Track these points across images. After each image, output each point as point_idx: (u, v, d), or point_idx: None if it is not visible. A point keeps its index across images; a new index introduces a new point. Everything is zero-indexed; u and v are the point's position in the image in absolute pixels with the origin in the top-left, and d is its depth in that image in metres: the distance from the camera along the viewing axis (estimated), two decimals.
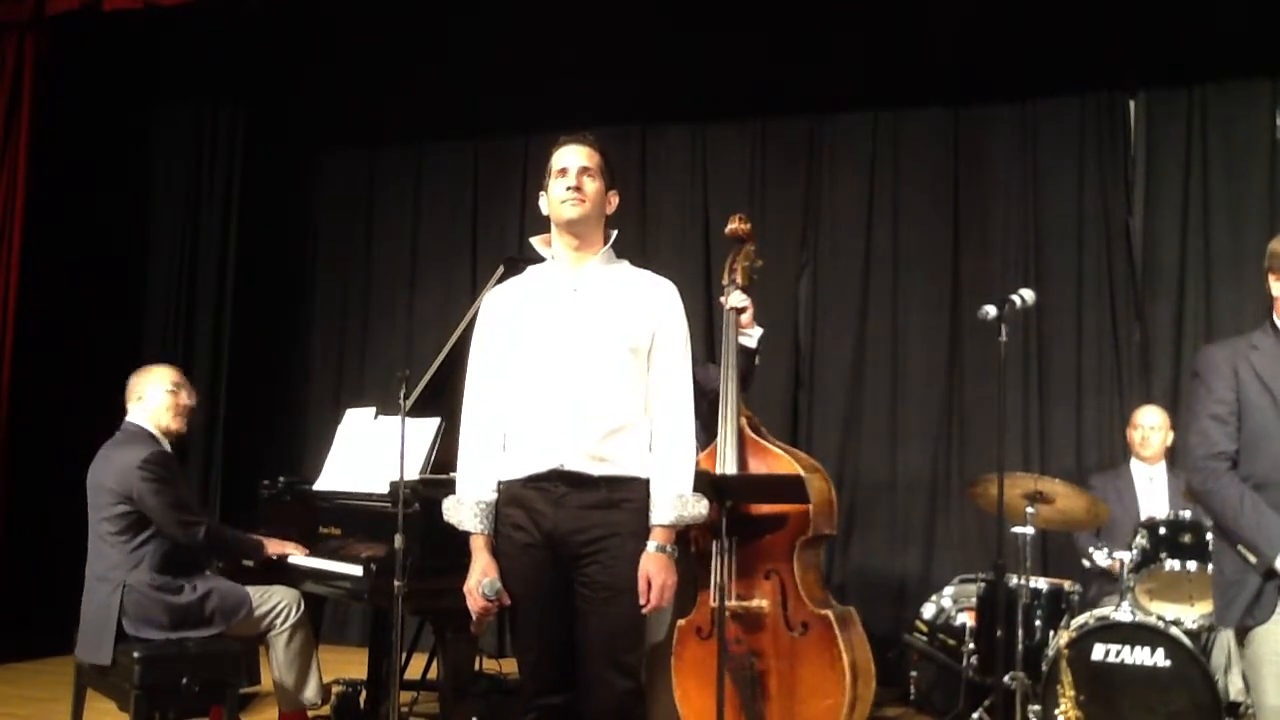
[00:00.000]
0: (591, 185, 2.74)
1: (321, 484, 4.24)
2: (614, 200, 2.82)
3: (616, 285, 2.78)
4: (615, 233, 2.86)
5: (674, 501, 2.68)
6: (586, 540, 2.65)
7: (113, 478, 3.83)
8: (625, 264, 2.86)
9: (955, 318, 5.89)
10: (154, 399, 4.02)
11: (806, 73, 6.00)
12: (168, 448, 3.99)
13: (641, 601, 2.63)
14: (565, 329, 2.72)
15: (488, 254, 6.53)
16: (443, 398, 4.12)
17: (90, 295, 6.45)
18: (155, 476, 3.80)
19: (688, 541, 3.72)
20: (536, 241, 2.86)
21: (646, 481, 2.71)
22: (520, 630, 2.77)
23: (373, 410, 4.28)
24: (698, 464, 2.82)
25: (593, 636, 2.66)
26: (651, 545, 2.66)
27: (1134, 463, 4.92)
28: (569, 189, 2.71)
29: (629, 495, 2.69)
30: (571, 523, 2.66)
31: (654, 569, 2.65)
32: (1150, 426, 4.89)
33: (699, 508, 2.72)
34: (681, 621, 3.77)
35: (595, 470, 2.67)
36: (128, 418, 4.04)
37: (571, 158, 2.76)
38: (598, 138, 2.84)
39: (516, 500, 2.72)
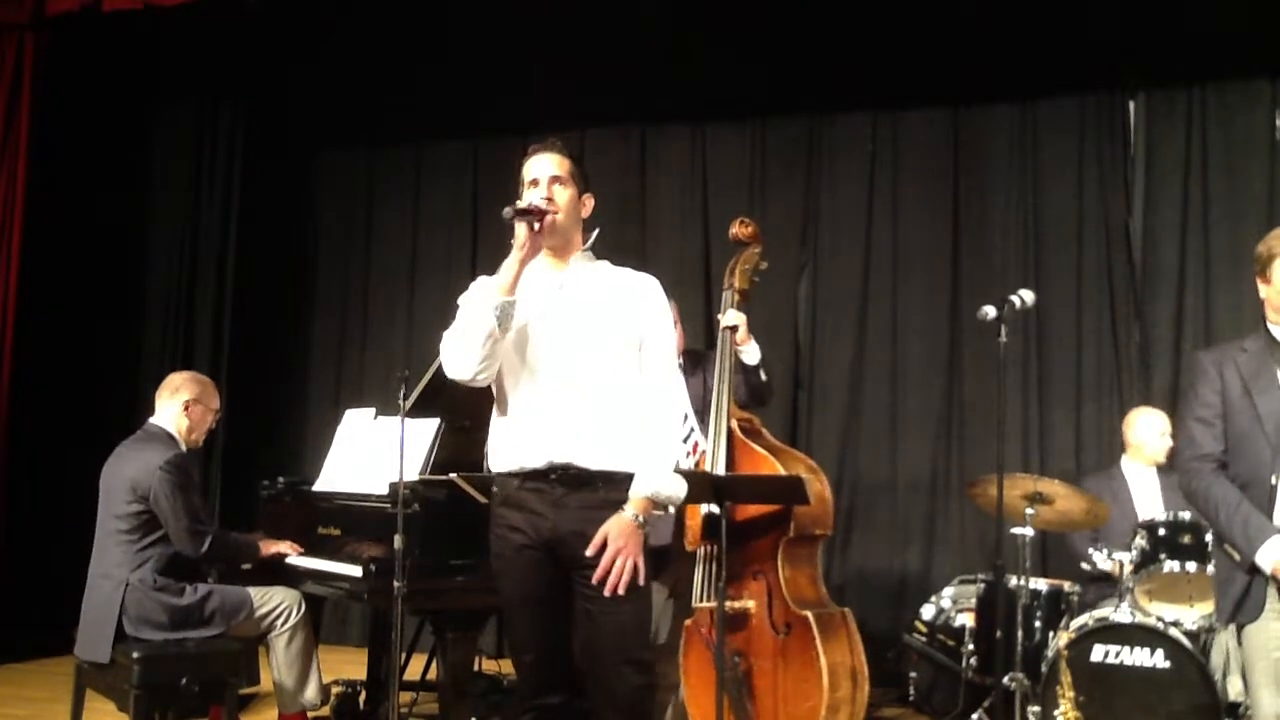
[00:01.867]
0: (564, 193, 2.76)
1: (321, 484, 4.24)
2: (589, 203, 2.85)
3: (601, 283, 2.80)
4: (596, 232, 2.87)
5: (653, 476, 2.67)
6: (590, 541, 2.63)
7: (133, 475, 3.84)
8: (605, 263, 2.88)
9: (955, 318, 5.88)
10: (194, 414, 4.06)
11: (806, 73, 6.00)
12: (184, 450, 4.00)
13: (589, 552, 2.60)
14: (553, 325, 2.73)
15: (488, 254, 6.49)
16: (442, 398, 4.13)
17: (90, 295, 6.46)
18: (175, 480, 3.82)
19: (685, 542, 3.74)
20: None
21: None
22: (516, 631, 2.78)
23: (372, 411, 4.29)
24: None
25: (603, 637, 2.66)
26: (627, 509, 2.64)
27: (1125, 464, 4.90)
28: (542, 200, 2.73)
29: (625, 495, 2.67)
30: (572, 525, 2.65)
31: (615, 530, 2.61)
32: (1156, 431, 4.86)
33: (676, 489, 2.70)
34: (687, 622, 3.78)
35: (590, 464, 2.67)
36: (154, 418, 4.05)
37: (541, 167, 2.79)
38: (565, 143, 2.85)
39: (513, 502, 2.72)
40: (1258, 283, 2.98)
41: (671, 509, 2.79)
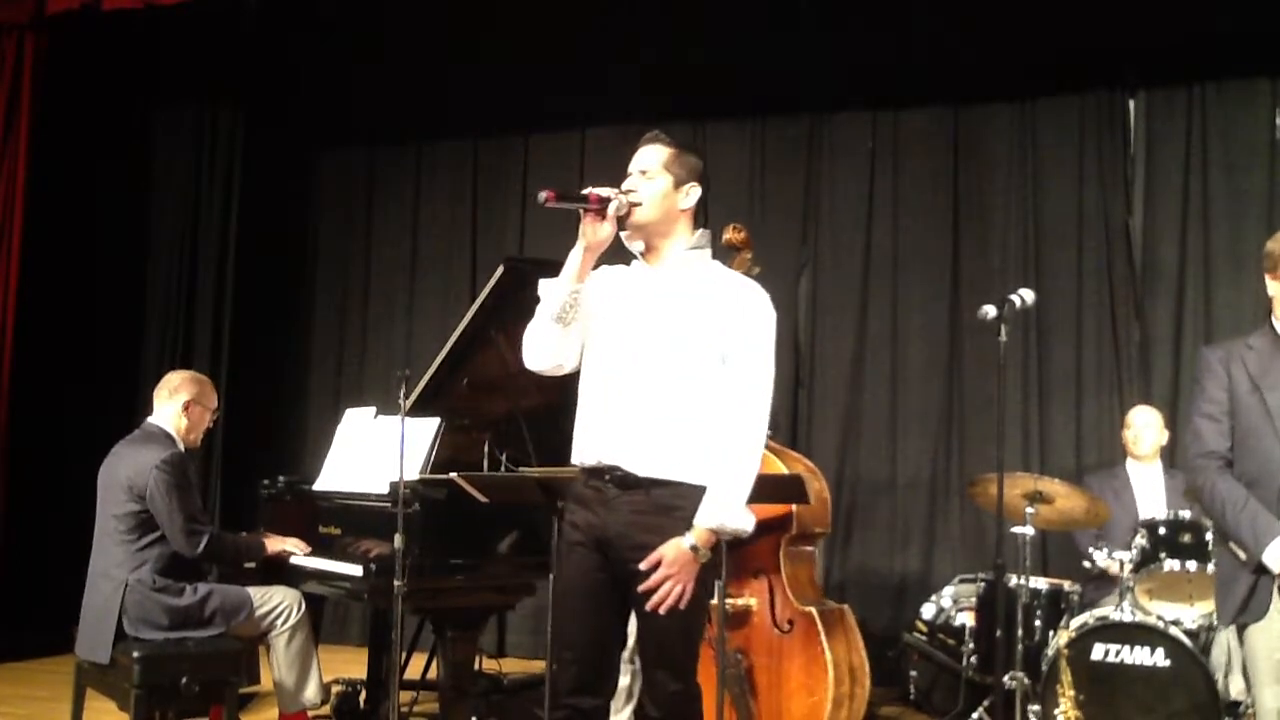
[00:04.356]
0: (650, 185, 2.66)
1: (321, 484, 4.24)
2: (691, 194, 2.68)
3: (693, 285, 2.66)
4: (701, 231, 2.72)
5: (719, 507, 2.55)
6: (636, 545, 2.57)
7: (129, 474, 3.83)
8: (715, 265, 2.73)
9: (955, 317, 5.89)
10: (193, 414, 4.05)
11: (806, 72, 6.01)
12: (182, 449, 3.99)
13: (642, 567, 2.52)
14: (627, 324, 2.65)
15: (488, 254, 6.52)
16: (443, 398, 4.13)
17: (90, 295, 6.46)
18: (171, 479, 3.80)
19: None
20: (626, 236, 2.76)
21: (703, 491, 2.58)
22: (561, 628, 2.73)
23: (373, 410, 4.28)
24: None
25: (645, 638, 2.64)
26: (687, 537, 2.53)
27: (1130, 463, 4.92)
28: (613, 190, 2.63)
29: (680, 503, 2.57)
30: (621, 527, 2.60)
31: (670, 555, 2.51)
32: (1143, 425, 4.88)
33: (743, 522, 2.59)
34: None
35: (643, 471, 2.59)
36: (152, 417, 4.04)
37: (636, 160, 2.72)
38: (665, 134, 2.75)
39: (577, 498, 2.70)
40: (1267, 279, 2.95)
41: None
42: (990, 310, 3.78)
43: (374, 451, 4.06)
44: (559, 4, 5.83)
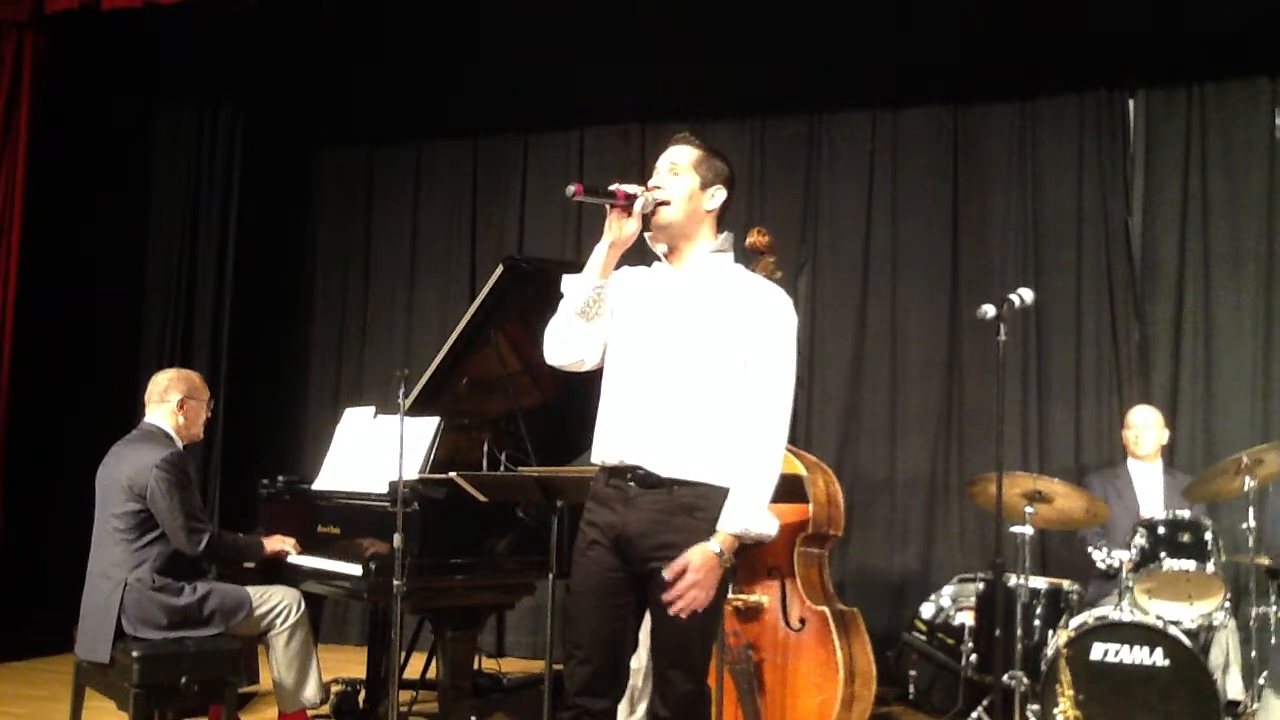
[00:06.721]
0: (677, 182, 2.67)
1: (320, 483, 4.24)
2: (717, 195, 2.70)
3: (715, 289, 2.66)
4: (726, 235, 2.73)
5: (744, 512, 2.53)
6: (656, 545, 2.57)
7: (129, 474, 3.83)
8: (738, 269, 2.73)
9: (954, 316, 5.89)
10: (190, 410, 4.04)
11: (806, 72, 6.01)
12: (181, 447, 3.99)
13: (666, 576, 2.49)
14: (657, 327, 2.65)
15: (487, 254, 6.52)
16: (442, 397, 4.13)
17: (90, 295, 6.46)
18: (171, 478, 3.80)
19: None
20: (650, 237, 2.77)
21: (725, 492, 2.57)
22: (575, 627, 2.71)
23: (372, 409, 4.29)
24: None
25: (661, 638, 2.63)
26: (712, 542, 2.52)
27: (1131, 462, 4.93)
28: (641, 188, 2.63)
29: (702, 504, 2.57)
30: (641, 525, 2.59)
31: (696, 561, 2.49)
32: (1143, 425, 4.89)
33: (768, 526, 2.58)
34: None
35: (665, 472, 2.58)
36: (147, 417, 4.03)
37: (663, 158, 2.72)
38: (696, 135, 2.79)
39: (597, 497, 2.68)
40: None
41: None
42: (990, 310, 3.78)
43: (373, 451, 4.07)
44: (558, 4, 5.84)
